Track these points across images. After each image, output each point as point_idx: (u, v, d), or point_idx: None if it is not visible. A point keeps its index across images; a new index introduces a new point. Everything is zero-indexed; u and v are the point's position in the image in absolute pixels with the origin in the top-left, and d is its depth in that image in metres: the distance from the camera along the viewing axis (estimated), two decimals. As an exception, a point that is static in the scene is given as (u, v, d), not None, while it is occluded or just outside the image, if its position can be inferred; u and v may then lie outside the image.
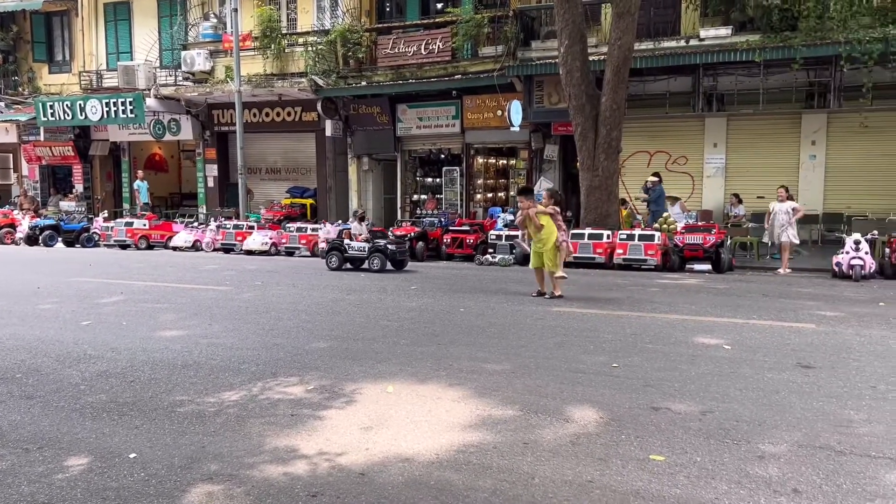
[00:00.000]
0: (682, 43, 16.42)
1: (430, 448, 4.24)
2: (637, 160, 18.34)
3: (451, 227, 16.33)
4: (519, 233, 12.65)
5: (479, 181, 20.71)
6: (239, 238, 17.43)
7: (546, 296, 9.87)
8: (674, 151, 18.03)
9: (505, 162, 21.25)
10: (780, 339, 7.05)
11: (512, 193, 20.68)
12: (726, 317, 8.29)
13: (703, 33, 16.25)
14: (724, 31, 16.12)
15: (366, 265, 13.25)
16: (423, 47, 18.64)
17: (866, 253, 11.88)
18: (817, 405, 4.93)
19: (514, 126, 17.04)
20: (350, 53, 19.53)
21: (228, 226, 18.09)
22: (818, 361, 6.11)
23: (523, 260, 14.14)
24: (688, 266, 13.36)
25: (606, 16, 16.52)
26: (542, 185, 18.41)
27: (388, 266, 13.17)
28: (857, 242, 11.97)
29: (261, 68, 20.81)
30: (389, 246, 13.16)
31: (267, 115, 21.73)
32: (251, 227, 17.66)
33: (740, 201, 16.43)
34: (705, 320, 8.10)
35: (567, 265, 13.73)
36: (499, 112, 18.30)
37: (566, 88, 14.76)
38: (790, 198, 13.74)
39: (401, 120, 20.11)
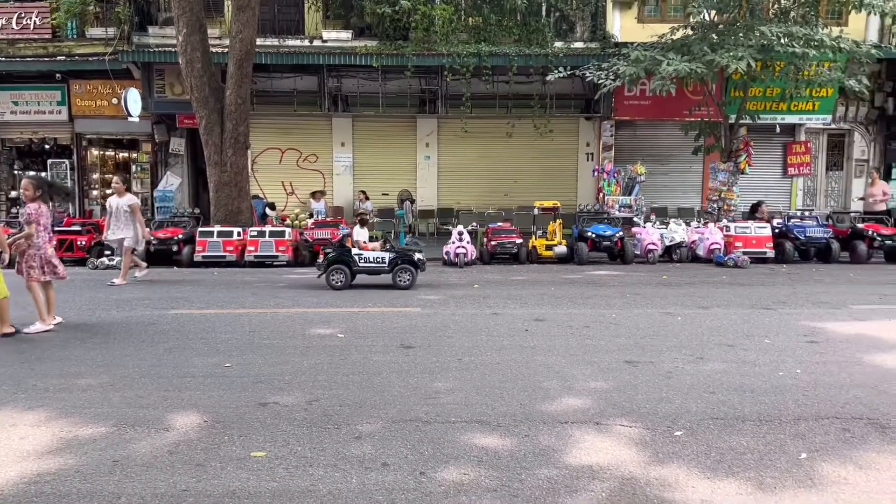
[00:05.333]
0: (307, 43, 16.83)
1: (-8, 486, 3.58)
2: (269, 156, 18.32)
3: (57, 228, 14.29)
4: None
5: (96, 175, 18.65)
6: None
7: None
8: (304, 149, 18.44)
9: (127, 155, 19.45)
10: (390, 323, 7.57)
11: (137, 189, 19.02)
12: (345, 307, 8.65)
13: (325, 35, 16.86)
14: (346, 34, 16.93)
15: (381, 279, 10.50)
16: (14, 21, 16.12)
17: (468, 242, 13.50)
18: (413, 381, 5.36)
19: (131, 116, 15.76)
20: (-88, 19, 16.03)
21: None
22: (418, 341, 6.68)
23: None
24: (318, 261, 13.67)
25: (229, 8, 16.12)
26: (169, 181, 17.32)
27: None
28: (460, 233, 13.55)
29: None
30: (417, 255, 10.31)
31: None
32: None
33: (367, 198, 17.46)
34: (325, 311, 8.34)
35: (196, 265, 13.13)
36: (115, 100, 16.73)
37: (187, 79, 14.03)
38: (128, 191, 11.85)
39: (-10, 103, 17.15)
